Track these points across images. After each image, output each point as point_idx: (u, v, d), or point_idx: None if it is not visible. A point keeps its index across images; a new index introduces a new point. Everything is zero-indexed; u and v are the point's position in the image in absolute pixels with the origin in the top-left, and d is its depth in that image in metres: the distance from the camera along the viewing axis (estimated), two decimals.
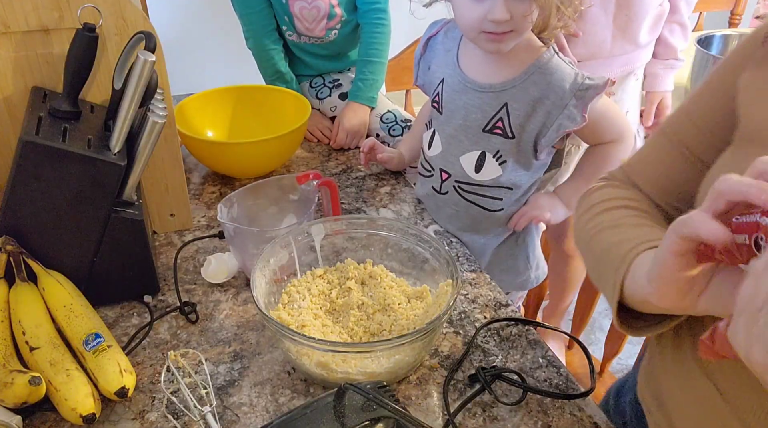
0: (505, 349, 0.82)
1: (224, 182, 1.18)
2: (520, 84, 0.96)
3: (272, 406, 0.73)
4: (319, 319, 0.81)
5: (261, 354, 0.80)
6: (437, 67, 1.06)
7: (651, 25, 1.26)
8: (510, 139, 0.99)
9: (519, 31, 0.91)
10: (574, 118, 0.94)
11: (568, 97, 0.93)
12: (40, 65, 0.82)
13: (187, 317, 0.85)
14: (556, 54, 0.96)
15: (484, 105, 0.99)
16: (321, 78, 1.46)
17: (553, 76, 0.95)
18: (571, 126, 0.94)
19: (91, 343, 0.73)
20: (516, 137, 0.98)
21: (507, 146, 1.00)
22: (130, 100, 0.77)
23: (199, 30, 2.55)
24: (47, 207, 0.77)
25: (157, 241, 1.01)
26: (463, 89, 1.00)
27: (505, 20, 0.87)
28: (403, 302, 0.84)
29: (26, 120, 0.76)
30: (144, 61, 0.74)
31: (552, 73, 0.95)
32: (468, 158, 1.02)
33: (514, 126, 0.98)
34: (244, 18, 1.36)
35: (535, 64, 0.96)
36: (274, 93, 1.31)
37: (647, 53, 1.32)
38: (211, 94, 1.27)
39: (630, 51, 1.26)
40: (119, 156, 0.78)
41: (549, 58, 0.96)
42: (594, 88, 0.93)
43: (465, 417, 0.72)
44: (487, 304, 0.90)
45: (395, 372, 0.74)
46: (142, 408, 0.73)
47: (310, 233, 0.87)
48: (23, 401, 0.67)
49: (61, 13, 0.80)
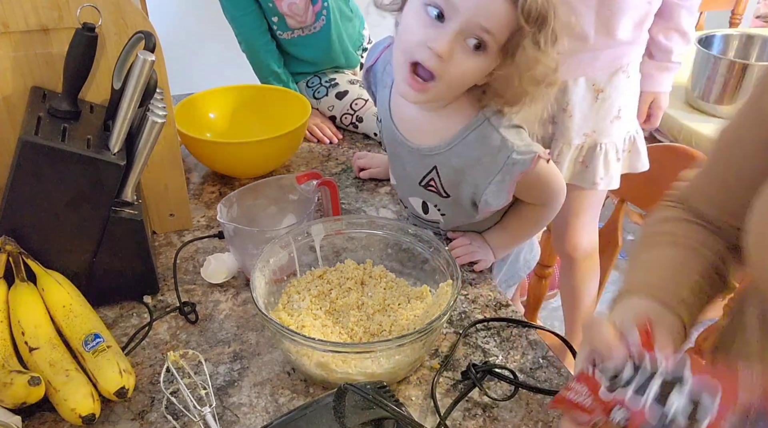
0: (505, 349, 0.82)
1: (224, 182, 1.18)
2: (445, 151, 0.88)
3: (272, 407, 0.73)
4: (319, 319, 0.81)
5: (261, 355, 0.80)
6: (378, 99, 1.00)
7: (636, 23, 1.24)
8: (445, 197, 0.94)
9: (442, 87, 0.80)
10: (499, 195, 0.86)
11: (493, 172, 0.85)
12: (40, 65, 0.82)
13: (187, 317, 0.85)
14: (486, 120, 0.86)
15: (416, 163, 0.93)
16: (317, 78, 1.46)
17: (479, 148, 0.86)
18: (497, 203, 0.87)
19: (90, 343, 0.72)
20: (451, 196, 0.93)
21: (444, 203, 0.96)
22: (129, 100, 0.77)
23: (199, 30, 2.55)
24: (47, 207, 0.77)
25: (157, 241, 1.00)
26: (395, 142, 0.95)
27: (440, 56, 0.76)
28: (403, 302, 0.83)
29: (25, 120, 0.76)
30: (143, 61, 0.74)
31: (478, 145, 0.86)
32: (414, 201, 1.00)
33: (446, 188, 0.92)
34: (234, 21, 1.37)
35: (461, 133, 0.87)
36: (274, 93, 1.30)
37: (636, 50, 1.30)
38: (211, 94, 1.27)
39: (613, 46, 1.24)
40: (119, 156, 0.78)
41: (476, 125, 0.86)
42: (520, 165, 0.83)
43: (465, 418, 0.72)
44: (487, 304, 0.89)
45: (395, 372, 0.74)
46: (141, 409, 0.72)
47: (309, 233, 0.87)
48: (22, 401, 0.66)
49: (61, 13, 0.80)
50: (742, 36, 1.93)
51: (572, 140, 1.29)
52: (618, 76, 1.28)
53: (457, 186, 0.91)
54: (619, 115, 1.30)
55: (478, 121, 0.86)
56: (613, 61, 1.26)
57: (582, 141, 1.30)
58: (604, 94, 1.28)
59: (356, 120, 1.40)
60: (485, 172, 0.86)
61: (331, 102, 1.42)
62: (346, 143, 1.37)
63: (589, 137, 1.30)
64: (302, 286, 0.85)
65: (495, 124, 0.86)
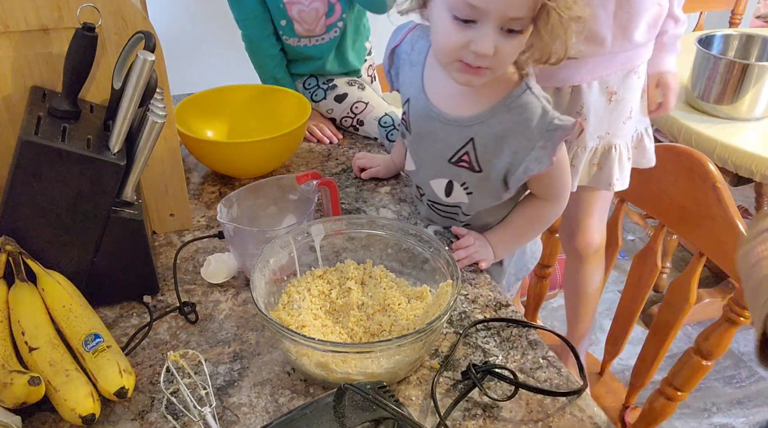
0: (505, 349, 0.82)
1: (224, 182, 1.18)
2: (487, 120, 0.90)
3: (272, 407, 0.73)
4: (319, 319, 0.81)
5: (261, 355, 0.80)
6: (404, 80, 1.01)
7: (650, 24, 1.25)
8: (477, 172, 0.95)
9: (496, 70, 0.85)
10: (542, 160, 0.88)
11: (536, 137, 0.88)
12: (40, 65, 0.82)
13: (187, 317, 0.85)
14: (528, 89, 0.90)
15: (450, 137, 0.94)
16: (314, 78, 1.45)
17: (522, 114, 0.89)
18: (539, 169, 0.89)
19: (90, 343, 0.72)
20: (483, 171, 0.94)
21: (474, 179, 0.96)
22: (129, 99, 0.77)
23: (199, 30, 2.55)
24: (46, 207, 0.77)
25: (157, 241, 1.00)
26: (428, 117, 0.95)
27: (486, 54, 0.80)
28: (403, 302, 0.83)
29: (25, 120, 0.76)
30: (143, 61, 0.74)
31: (521, 112, 0.89)
32: (437, 184, 1.00)
33: (481, 161, 0.93)
34: (241, 23, 1.36)
35: (504, 101, 0.90)
36: (274, 93, 1.30)
37: (647, 51, 1.31)
38: (211, 94, 1.27)
39: (629, 49, 1.25)
40: (119, 156, 0.78)
41: (519, 94, 0.89)
42: (563, 130, 0.87)
43: (465, 418, 0.72)
44: (488, 304, 0.89)
45: (395, 372, 0.74)
46: (141, 409, 0.72)
47: (309, 233, 0.87)
48: (22, 401, 0.66)
49: (61, 13, 0.80)
50: (742, 36, 1.92)
51: (587, 143, 1.28)
52: (630, 77, 1.28)
53: (493, 157, 0.93)
54: (630, 115, 1.30)
55: (520, 89, 0.90)
56: (626, 63, 1.26)
57: (596, 143, 1.29)
58: (618, 95, 1.27)
59: (357, 123, 1.39)
60: (527, 137, 0.89)
61: (329, 105, 1.42)
62: (346, 143, 1.37)
63: (603, 139, 1.29)
64: (302, 286, 0.85)
65: (536, 93, 0.90)
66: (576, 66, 1.22)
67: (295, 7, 1.31)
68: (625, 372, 1.72)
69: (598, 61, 1.23)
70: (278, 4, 1.31)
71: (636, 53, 1.27)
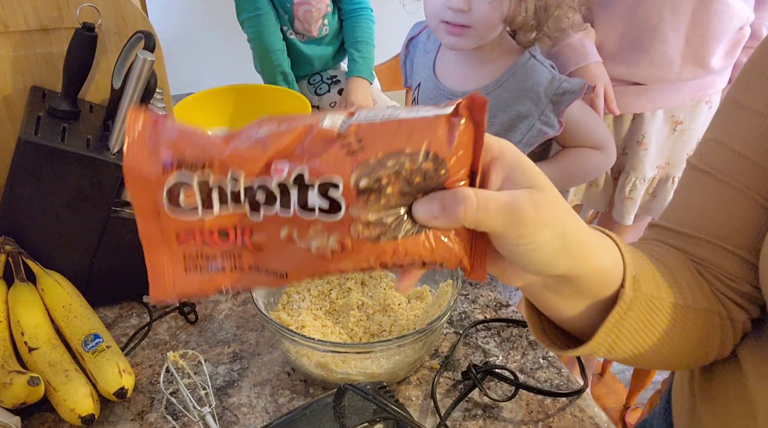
0: (505, 350, 0.82)
1: None
2: (494, 91, 0.93)
3: (272, 407, 0.73)
4: (319, 320, 0.80)
5: (260, 355, 0.80)
6: (417, 66, 1.05)
7: (727, 50, 1.13)
8: None
9: (478, 30, 0.89)
10: (552, 124, 0.91)
11: (545, 102, 0.91)
12: (39, 65, 0.82)
13: (186, 317, 0.85)
14: (533, 57, 0.94)
15: None
16: (319, 75, 1.47)
17: (528, 80, 0.92)
18: (550, 132, 0.92)
19: (90, 344, 0.72)
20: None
21: None
22: (129, 99, 0.76)
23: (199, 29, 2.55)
24: (46, 207, 0.77)
25: None
26: (436, 97, 0.98)
27: (461, 10, 0.86)
28: (403, 302, 0.83)
29: (25, 120, 0.76)
30: (143, 61, 0.74)
31: (527, 77, 0.92)
32: None
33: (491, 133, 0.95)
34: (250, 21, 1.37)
35: (510, 70, 0.94)
36: (274, 93, 1.30)
37: (722, 79, 1.19)
38: (210, 94, 1.26)
39: (701, 76, 1.14)
40: (118, 156, 0.78)
41: (525, 61, 0.93)
42: (570, 93, 0.90)
43: (465, 418, 0.72)
44: (488, 304, 0.89)
45: (395, 372, 0.74)
46: (141, 409, 0.72)
47: None
48: (22, 401, 0.66)
49: (61, 13, 0.79)
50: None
51: (646, 173, 1.21)
52: (700, 107, 1.17)
53: (502, 131, 0.95)
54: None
55: (524, 58, 0.95)
56: (697, 91, 1.16)
57: (654, 173, 1.23)
58: (683, 125, 1.18)
59: None
60: (537, 101, 0.92)
61: (333, 98, 1.43)
62: None
63: (662, 169, 1.22)
64: (302, 286, 0.84)
65: (540, 60, 0.95)
66: (639, 93, 1.14)
67: (302, 8, 1.32)
68: (625, 372, 1.71)
69: (665, 88, 1.13)
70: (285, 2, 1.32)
71: (709, 81, 1.15)
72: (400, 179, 0.36)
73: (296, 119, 0.38)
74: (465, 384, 0.76)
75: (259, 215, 0.38)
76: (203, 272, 0.40)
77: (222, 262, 0.39)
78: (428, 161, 0.36)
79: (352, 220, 0.36)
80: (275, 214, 0.37)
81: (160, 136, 0.38)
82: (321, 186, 0.36)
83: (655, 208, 1.26)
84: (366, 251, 0.37)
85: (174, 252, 0.40)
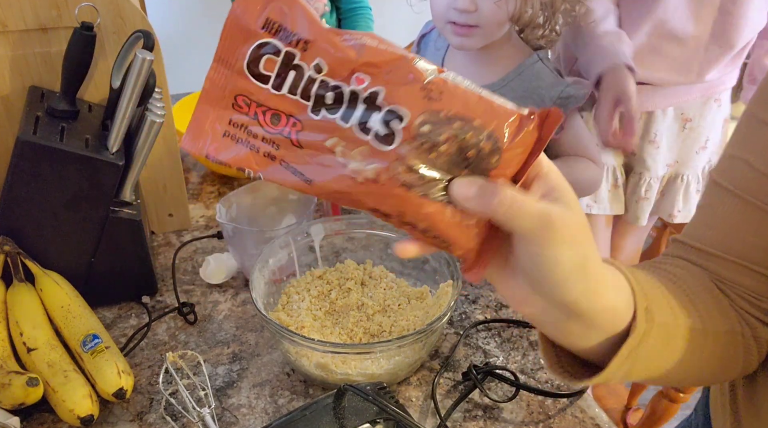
0: (506, 350, 0.81)
1: (223, 182, 1.18)
2: (499, 90, 0.93)
3: (271, 408, 0.73)
4: (319, 320, 0.80)
5: (260, 355, 0.80)
6: None
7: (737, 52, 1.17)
8: None
9: (486, 29, 0.89)
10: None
11: (548, 105, 0.90)
12: (38, 64, 0.82)
13: (186, 318, 0.85)
14: (540, 60, 0.94)
15: None
16: None
17: (533, 82, 0.92)
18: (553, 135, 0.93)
19: (88, 344, 0.72)
20: None
21: None
22: (128, 99, 0.76)
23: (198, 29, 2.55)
24: (45, 207, 0.77)
25: (156, 241, 1.00)
26: None
27: (467, 10, 0.86)
28: (403, 303, 0.83)
29: (23, 119, 0.76)
30: (142, 60, 0.74)
31: (532, 79, 0.92)
32: None
33: None
34: None
35: (516, 70, 0.94)
36: None
37: (730, 77, 1.21)
38: None
39: (715, 78, 1.17)
40: (117, 156, 0.77)
41: (531, 63, 0.93)
42: (575, 99, 0.91)
43: (466, 419, 0.72)
44: (488, 305, 0.89)
45: (395, 373, 0.74)
46: (140, 410, 0.72)
47: (309, 233, 0.86)
48: (21, 402, 0.66)
49: (59, 12, 0.79)
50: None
51: (658, 171, 1.22)
52: (709, 105, 1.20)
53: None
54: (705, 145, 1.22)
55: (532, 60, 0.94)
56: (707, 89, 1.19)
57: (665, 172, 1.23)
58: (693, 123, 1.20)
59: None
60: (540, 104, 0.91)
61: None
62: None
63: (672, 167, 1.23)
64: (302, 286, 0.84)
65: (547, 64, 0.95)
66: (652, 92, 1.16)
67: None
68: None
69: (678, 88, 1.17)
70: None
71: (718, 80, 1.19)
72: (456, 144, 0.37)
73: (395, 47, 0.39)
74: (465, 385, 0.76)
75: (318, 115, 0.39)
76: (238, 145, 0.41)
77: (260, 144, 0.40)
78: (488, 142, 0.38)
79: (398, 157, 0.37)
80: (333, 120, 0.38)
81: None
82: (388, 112, 0.37)
83: (664, 207, 1.26)
84: (393, 195, 0.38)
85: (223, 113, 0.41)
